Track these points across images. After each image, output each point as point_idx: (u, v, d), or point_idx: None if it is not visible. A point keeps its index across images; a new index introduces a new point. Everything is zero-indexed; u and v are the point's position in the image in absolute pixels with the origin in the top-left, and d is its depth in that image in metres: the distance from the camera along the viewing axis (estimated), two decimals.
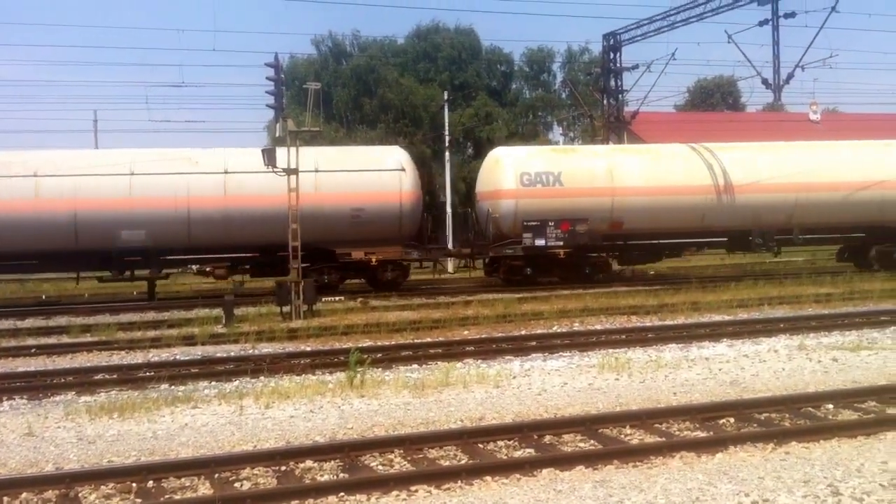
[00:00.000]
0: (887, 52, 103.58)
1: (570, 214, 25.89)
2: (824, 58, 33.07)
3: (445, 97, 44.61)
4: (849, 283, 24.14)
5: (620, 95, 36.48)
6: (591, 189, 26.09)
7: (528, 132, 56.66)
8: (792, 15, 30.89)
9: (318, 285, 22.41)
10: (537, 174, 25.96)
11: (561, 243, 25.84)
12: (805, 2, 32.12)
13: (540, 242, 25.80)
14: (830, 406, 9.69)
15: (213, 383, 12.49)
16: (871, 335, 15.29)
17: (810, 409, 9.58)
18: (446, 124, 42.59)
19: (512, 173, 26.01)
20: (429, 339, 16.30)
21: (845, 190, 27.45)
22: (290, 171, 20.51)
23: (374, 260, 25.19)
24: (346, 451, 8.11)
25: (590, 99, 45.85)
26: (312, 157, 24.10)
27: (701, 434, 8.72)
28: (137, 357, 15.17)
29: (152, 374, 13.09)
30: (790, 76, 31.96)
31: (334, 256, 25.15)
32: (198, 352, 15.61)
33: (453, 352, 14.62)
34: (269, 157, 20.64)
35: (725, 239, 28.20)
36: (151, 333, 17.60)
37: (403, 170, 25.71)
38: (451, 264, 32.48)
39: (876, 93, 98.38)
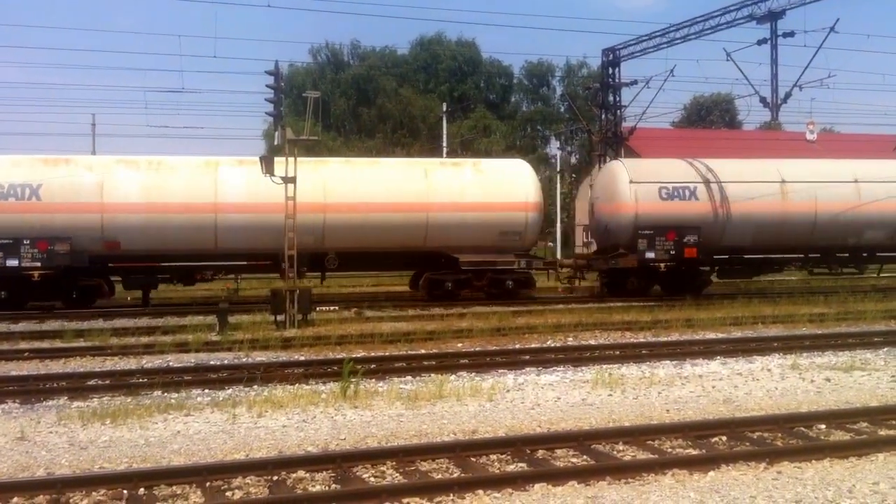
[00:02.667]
0: (885, 73, 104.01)
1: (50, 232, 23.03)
2: (822, 77, 33.21)
3: (444, 108, 44.72)
4: (842, 303, 24.18)
5: (618, 111, 36.55)
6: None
7: (526, 145, 56.82)
8: (791, 34, 31.04)
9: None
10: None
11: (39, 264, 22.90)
12: (804, 21, 32.42)
13: None
14: (823, 426, 9.71)
15: (207, 391, 12.47)
16: (864, 356, 15.32)
17: (802, 428, 9.60)
18: (444, 136, 42.71)
19: None
20: (423, 351, 16.29)
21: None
22: (288, 180, 20.51)
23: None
24: (339, 461, 8.10)
25: (588, 114, 45.98)
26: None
27: (693, 452, 8.73)
28: (131, 363, 15.16)
29: (145, 380, 13.05)
30: (788, 95, 32.11)
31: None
32: (191, 359, 15.59)
33: (447, 364, 14.61)
34: (267, 164, 20.66)
35: None
36: (145, 339, 17.57)
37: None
38: None
39: (873, 113, 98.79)
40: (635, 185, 26.49)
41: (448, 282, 25.72)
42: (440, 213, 25.42)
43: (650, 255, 26.16)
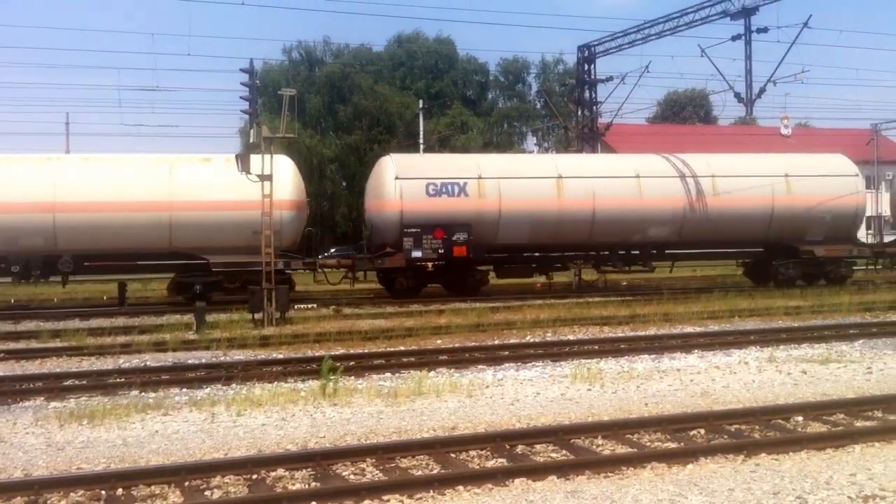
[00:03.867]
0: (858, 69, 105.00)
1: None
2: (796, 73, 33.51)
3: (421, 105, 44.69)
4: (818, 296, 24.38)
5: (594, 107, 36.67)
6: None
7: (503, 141, 56.89)
8: (764, 30, 31.30)
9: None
10: None
11: None
12: (777, 17, 32.70)
13: None
14: (800, 418, 9.77)
15: (184, 390, 12.40)
16: (840, 348, 15.45)
17: (780, 421, 9.66)
18: (421, 132, 42.68)
19: None
20: (402, 348, 16.27)
21: None
22: (264, 178, 20.42)
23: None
24: (318, 459, 8.08)
25: (564, 110, 46.10)
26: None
27: (672, 445, 8.76)
28: (108, 363, 15.05)
29: (123, 380, 12.96)
30: (762, 90, 32.37)
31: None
32: (169, 358, 15.49)
33: (426, 360, 14.60)
34: (243, 162, 20.56)
35: None
36: (122, 339, 17.45)
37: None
38: None
39: (847, 108, 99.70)
40: (401, 182, 25.54)
41: (197, 284, 24.15)
42: (185, 213, 23.94)
43: (417, 253, 25.25)
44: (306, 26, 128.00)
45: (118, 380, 13.04)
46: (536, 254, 27.40)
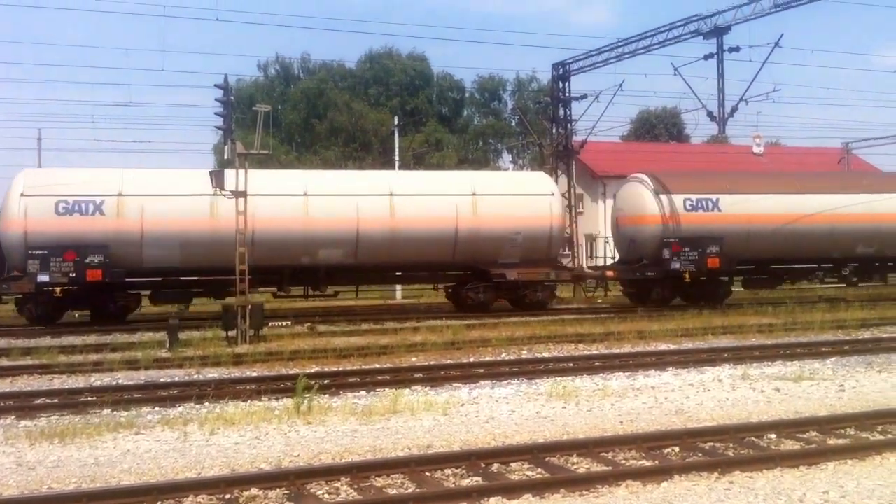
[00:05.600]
0: (829, 87, 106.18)
1: None
2: (768, 91, 33.76)
3: (396, 122, 44.74)
4: (790, 313, 24.53)
5: (569, 124, 36.82)
6: None
7: (479, 158, 57.05)
8: (736, 49, 31.51)
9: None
10: None
11: None
12: (749, 37, 32.93)
13: None
14: (773, 436, 9.83)
15: (157, 409, 12.29)
16: (813, 366, 15.56)
17: (753, 438, 9.71)
18: (396, 149, 42.69)
19: None
20: (377, 366, 16.23)
21: None
22: (238, 194, 20.35)
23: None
24: (292, 478, 8.03)
25: (539, 127, 46.28)
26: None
27: (647, 463, 8.78)
28: (79, 381, 14.89)
29: (94, 398, 12.83)
30: (734, 109, 32.55)
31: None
32: (141, 376, 15.36)
33: (401, 378, 14.56)
34: (217, 179, 20.48)
35: None
36: (93, 357, 17.28)
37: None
38: None
39: (818, 126, 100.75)
40: (27, 199, 23.28)
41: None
42: None
43: (44, 278, 22.84)
44: (279, 43, 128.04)
45: (90, 398, 12.91)
46: (194, 277, 25.09)
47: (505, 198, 26.70)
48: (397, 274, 28.17)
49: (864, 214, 29.01)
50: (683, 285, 27.99)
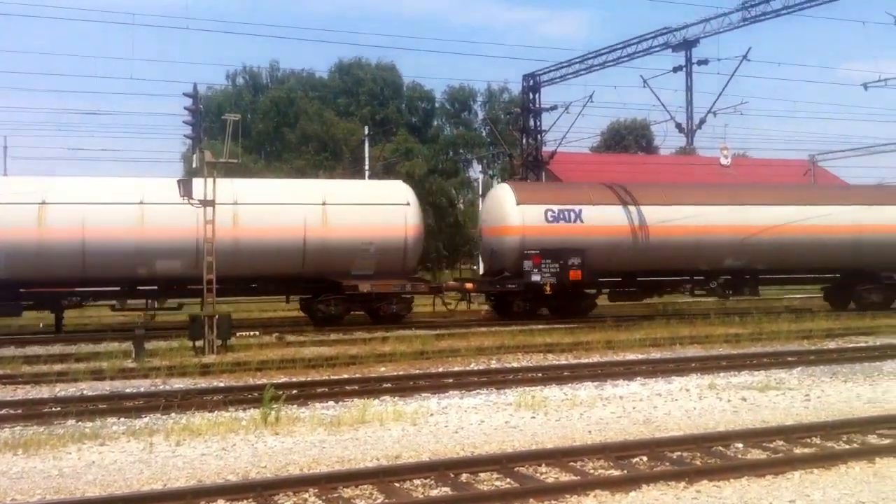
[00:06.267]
0: (796, 100, 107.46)
1: None
2: (736, 104, 34.07)
3: (366, 132, 44.68)
4: (757, 323, 24.72)
5: (539, 135, 36.96)
6: None
7: (449, 169, 57.10)
8: (705, 62, 31.79)
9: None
10: None
11: None
12: (718, 50, 33.18)
13: None
14: (740, 445, 9.89)
15: (122, 419, 12.15)
16: (779, 375, 15.69)
17: (721, 448, 9.76)
18: (367, 159, 42.62)
19: None
20: (345, 376, 16.16)
21: None
22: (207, 203, 20.22)
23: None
24: (259, 490, 7.96)
25: (509, 138, 46.40)
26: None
27: (615, 473, 8.79)
28: (43, 391, 14.70)
29: (59, 409, 12.68)
30: (702, 121, 32.80)
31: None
32: (106, 387, 15.19)
33: (370, 388, 14.52)
34: (185, 188, 20.33)
35: None
36: (58, 367, 17.08)
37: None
38: None
39: (785, 139, 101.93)
40: None
41: None
42: None
43: None
44: (248, 53, 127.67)
45: (54, 409, 12.76)
46: (22, 290, 23.62)
47: (357, 207, 25.76)
48: (249, 286, 26.12)
49: (730, 226, 28.43)
50: (545, 298, 27.53)
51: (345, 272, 25.34)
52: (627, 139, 67.85)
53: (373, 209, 25.86)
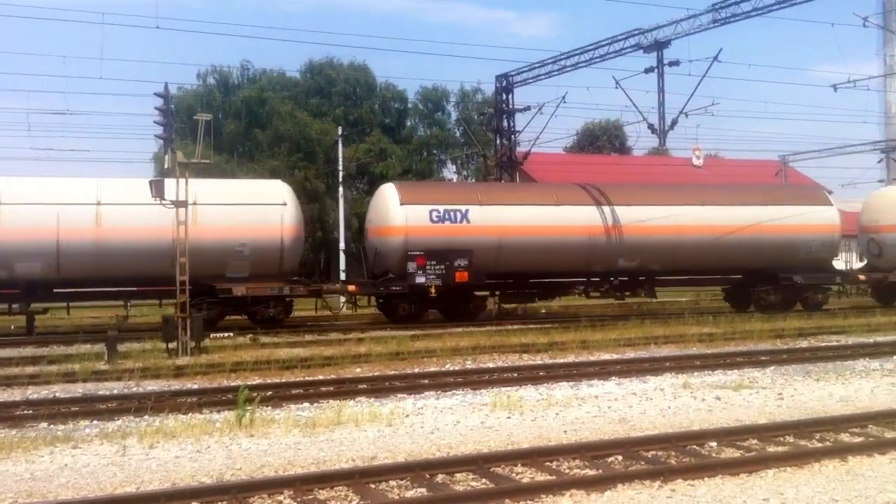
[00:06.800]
0: (766, 101, 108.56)
1: None
2: (707, 105, 34.37)
3: (339, 132, 44.55)
4: (730, 323, 24.91)
5: (513, 136, 37.06)
6: None
7: (423, 169, 57.04)
8: (676, 63, 32.08)
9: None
10: None
11: None
12: (689, 51, 33.47)
13: None
14: (714, 444, 9.94)
15: (95, 422, 12.03)
16: (752, 374, 15.80)
17: (695, 446, 9.81)
18: (340, 159, 42.50)
19: None
20: (320, 377, 16.11)
21: None
22: (179, 204, 20.08)
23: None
24: (234, 492, 7.91)
25: (483, 138, 46.49)
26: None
27: (590, 472, 8.81)
28: (14, 394, 14.55)
29: (30, 412, 12.53)
30: (674, 122, 33.11)
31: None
32: (79, 389, 15.05)
33: (345, 390, 14.48)
34: (157, 188, 20.19)
35: None
36: (30, 370, 16.93)
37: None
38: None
39: (756, 140, 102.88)
40: None
41: None
42: None
43: None
44: (219, 52, 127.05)
45: (26, 411, 12.61)
46: None
47: (229, 207, 24.79)
48: (119, 289, 25.21)
49: (621, 227, 28.08)
50: (432, 300, 26.98)
51: (219, 275, 24.55)
52: (601, 140, 68.18)
53: (247, 209, 25.06)
